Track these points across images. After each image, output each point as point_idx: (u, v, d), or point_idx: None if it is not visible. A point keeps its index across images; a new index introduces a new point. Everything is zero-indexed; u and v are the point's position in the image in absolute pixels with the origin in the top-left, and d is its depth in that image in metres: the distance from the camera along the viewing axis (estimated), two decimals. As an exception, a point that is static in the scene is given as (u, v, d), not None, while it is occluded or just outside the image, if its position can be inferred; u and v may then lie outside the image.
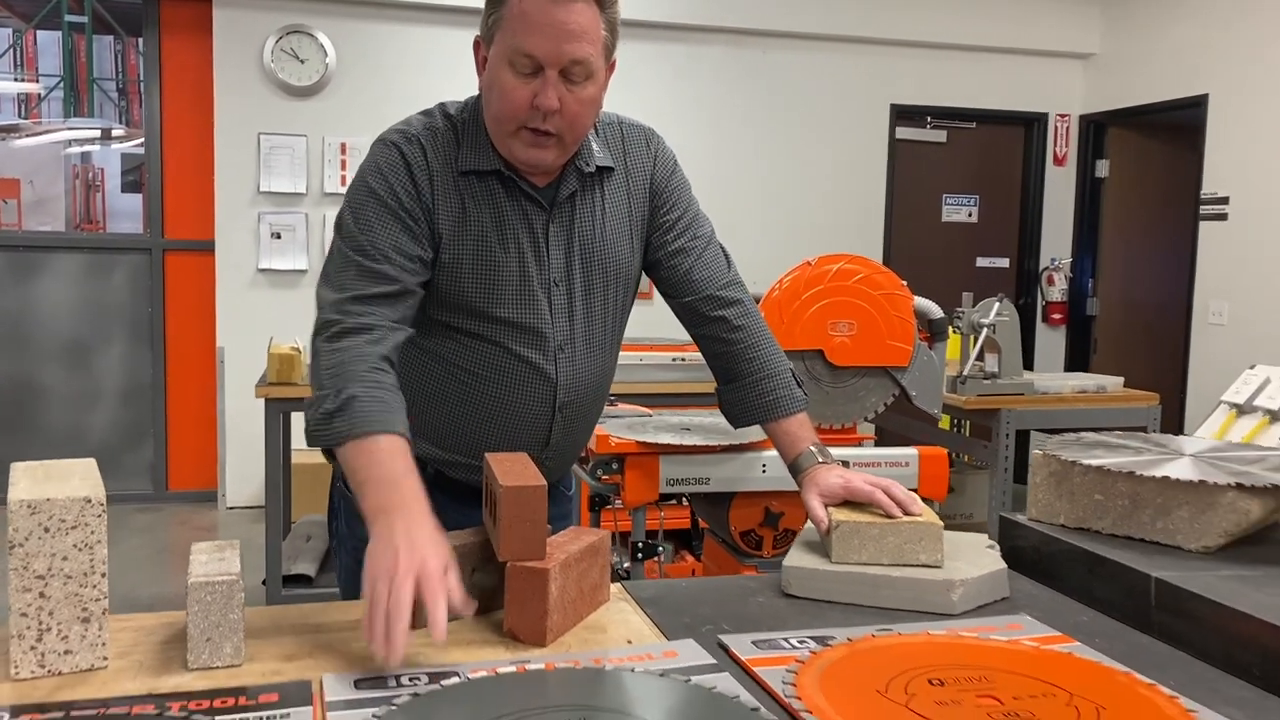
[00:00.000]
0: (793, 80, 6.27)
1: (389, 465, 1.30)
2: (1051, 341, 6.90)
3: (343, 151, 5.59)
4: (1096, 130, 6.77)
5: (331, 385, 1.37)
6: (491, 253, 1.53)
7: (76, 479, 1.19)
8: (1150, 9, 6.25)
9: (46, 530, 1.10)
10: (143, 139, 9.60)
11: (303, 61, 5.50)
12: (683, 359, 4.58)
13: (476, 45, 1.54)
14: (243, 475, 5.66)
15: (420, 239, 1.50)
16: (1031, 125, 6.82)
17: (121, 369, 5.73)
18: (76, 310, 5.67)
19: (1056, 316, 6.87)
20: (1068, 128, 6.81)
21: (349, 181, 5.20)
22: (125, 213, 10.15)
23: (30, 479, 1.18)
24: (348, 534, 1.70)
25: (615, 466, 2.41)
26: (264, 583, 3.80)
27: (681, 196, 1.67)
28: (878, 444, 2.88)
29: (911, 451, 2.53)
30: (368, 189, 1.52)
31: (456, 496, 1.65)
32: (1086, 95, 6.78)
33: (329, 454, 1.43)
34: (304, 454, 4.96)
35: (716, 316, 1.65)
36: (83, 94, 10.71)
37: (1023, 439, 4.49)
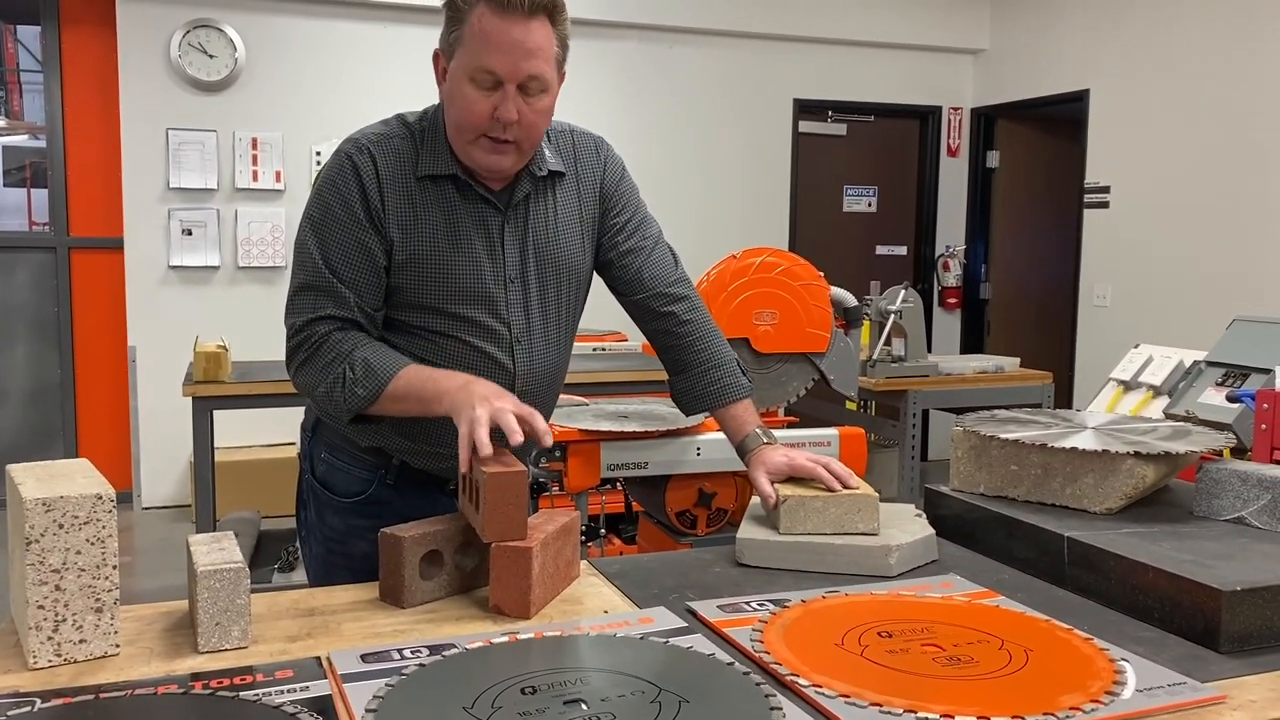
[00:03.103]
0: (699, 76, 6.42)
1: (422, 375, 1.55)
2: (947, 324, 7.20)
3: (254, 146, 5.53)
4: (987, 123, 7.09)
5: (339, 367, 1.56)
6: (446, 253, 1.62)
7: (80, 477, 1.25)
8: (1036, 8, 6.58)
9: (61, 526, 1.16)
10: (26, 132, 9.21)
11: (211, 56, 5.43)
12: (603, 349, 4.70)
13: (436, 58, 1.62)
14: (157, 475, 5.58)
15: (371, 247, 1.59)
16: (926, 118, 7.10)
17: (27, 370, 5.58)
18: (-22, 311, 5.52)
19: (952, 301, 7.18)
20: (960, 120, 7.12)
21: (260, 177, 5.17)
22: (9, 208, 9.75)
23: (35, 479, 1.24)
24: (317, 523, 1.77)
25: (557, 454, 2.51)
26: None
27: (630, 200, 1.79)
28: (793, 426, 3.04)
29: (832, 432, 2.70)
30: (322, 203, 1.62)
31: (421, 484, 1.75)
32: (977, 90, 7.09)
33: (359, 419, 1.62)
34: (227, 452, 4.93)
35: (666, 312, 1.77)
36: (-47, 83, 10.22)
37: (923, 418, 4.73)
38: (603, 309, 2.21)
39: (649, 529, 2.87)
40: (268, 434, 5.51)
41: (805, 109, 6.76)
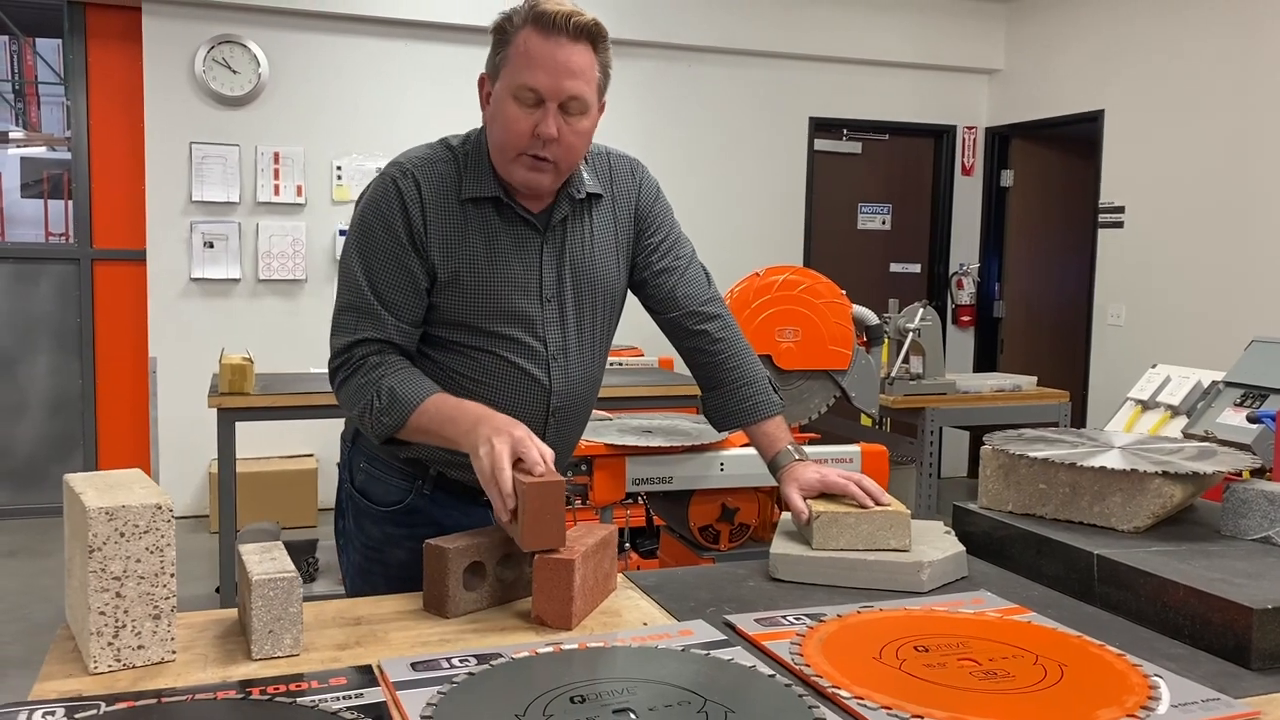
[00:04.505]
0: (717, 94, 6.48)
1: (446, 411, 1.57)
2: (961, 342, 7.22)
3: (275, 161, 5.59)
4: (1001, 142, 7.13)
5: (370, 392, 1.60)
6: (487, 272, 1.66)
7: (138, 487, 1.28)
8: (1051, 29, 6.62)
9: (122, 535, 1.20)
10: (44, 144, 9.27)
11: (235, 72, 5.49)
12: (619, 364, 4.74)
13: (481, 81, 1.67)
14: (176, 485, 5.62)
15: (413, 269, 1.64)
16: (941, 137, 7.14)
17: (49, 381, 5.64)
18: (2, 322, 5.57)
19: (965, 319, 7.20)
20: (974, 140, 7.16)
21: (281, 191, 5.23)
22: (26, 220, 9.79)
23: (94, 488, 1.27)
24: (355, 531, 1.81)
25: (584, 468, 2.54)
26: (218, 590, 3.84)
27: (664, 221, 1.83)
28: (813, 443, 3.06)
29: (854, 449, 2.72)
30: (365, 225, 1.67)
31: (458, 496, 1.78)
32: (992, 109, 7.13)
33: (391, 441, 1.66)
34: (245, 463, 4.97)
35: (699, 330, 1.81)
36: (-25, 96, 10.27)
37: (937, 436, 4.75)
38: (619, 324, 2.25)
39: (671, 543, 2.89)
40: (286, 446, 5.55)
41: (821, 127, 6.80)
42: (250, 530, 4.40)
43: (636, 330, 1.92)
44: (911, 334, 4.17)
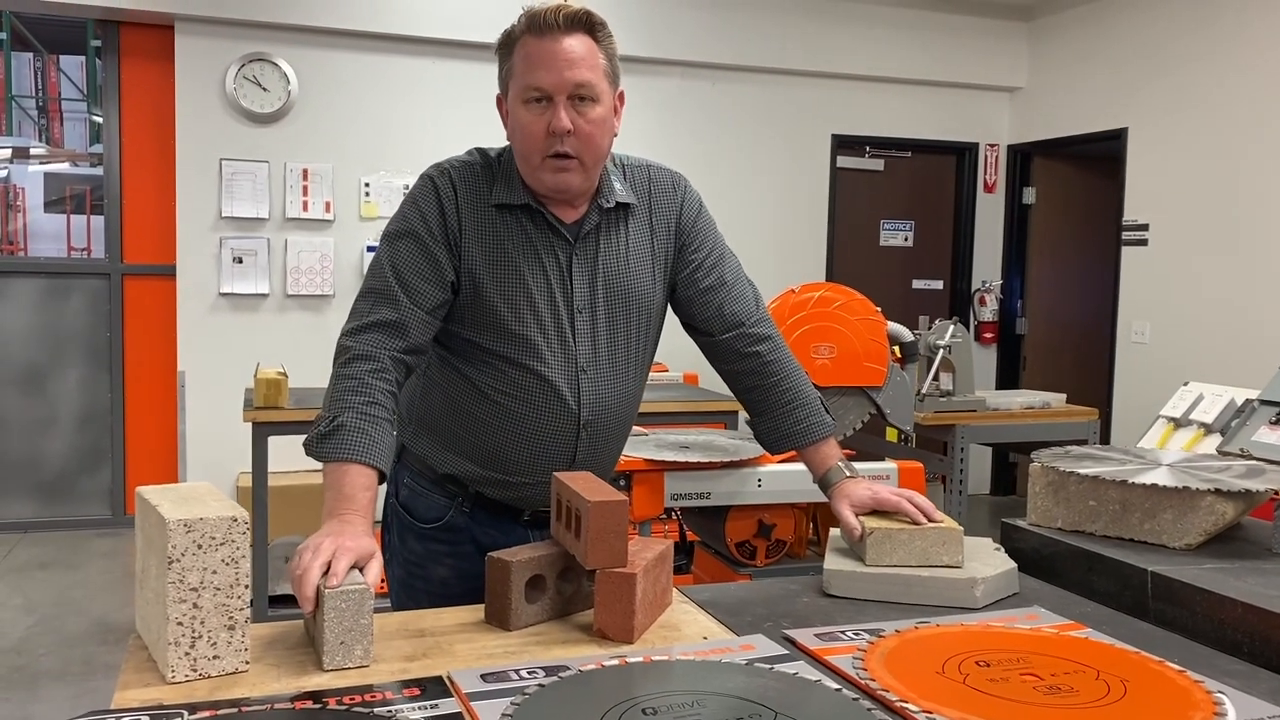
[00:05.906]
0: (741, 111, 6.51)
1: (350, 484, 1.51)
2: (984, 359, 7.21)
3: (304, 178, 5.65)
4: (1023, 160, 7.14)
5: (330, 410, 1.57)
6: (516, 280, 1.68)
7: (211, 500, 1.31)
8: (1073, 47, 6.64)
9: (200, 547, 1.22)
10: (66, 160, 9.36)
11: (265, 89, 5.56)
12: (647, 380, 4.75)
13: (499, 103, 1.71)
14: (202, 499, 5.65)
15: (439, 259, 1.66)
16: (963, 154, 7.16)
17: (79, 394, 5.69)
18: (33, 335, 5.62)
19: (988, 335, 7.20)
20: (997, 157, 7.17)
21: (310, 207, 5.28)
22: (48, 234, 9.85)
23: (169, 501, 1.29)
24: (400, 547, 1.82)
25: (622, 483, 2.56)
26: (250, 603, 3.86)
27: (708, 236, 1.83)
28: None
29: (891, 465, 2.73)
30: (402, 217, 1.70)
31: (497, 515, 1.79)
32: (1014, 127, 7.15)
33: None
34: (279, 476, 4.99)
35: (751, 352, 1.80)
36: (-1, 111, 10.35)
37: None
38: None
39: (705, 559, 2.90)
40: (309, 460, 5.57)
41: (843, 144, 6.83)
42: (280, 544, 4.43)
43: (660, 345, 1.92)
44: (942, 351, 4.18)
